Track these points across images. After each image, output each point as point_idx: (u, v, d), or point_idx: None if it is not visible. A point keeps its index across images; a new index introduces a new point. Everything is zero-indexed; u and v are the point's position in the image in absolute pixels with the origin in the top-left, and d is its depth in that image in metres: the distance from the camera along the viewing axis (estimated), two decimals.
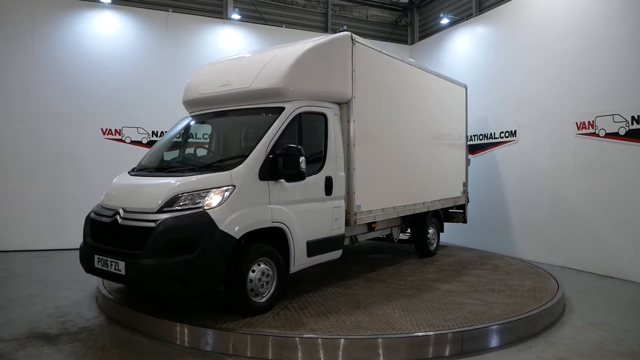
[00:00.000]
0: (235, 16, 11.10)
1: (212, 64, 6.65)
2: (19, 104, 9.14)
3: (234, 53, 7.28)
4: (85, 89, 9.50)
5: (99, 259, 4.75)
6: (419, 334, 4.34)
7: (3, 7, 9.09)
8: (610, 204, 7.57)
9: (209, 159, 5.78)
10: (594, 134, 7.84)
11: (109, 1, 9.89)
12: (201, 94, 6.00)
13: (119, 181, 5.38)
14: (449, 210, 9.05)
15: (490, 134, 9.99)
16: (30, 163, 9.17)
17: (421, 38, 13.27)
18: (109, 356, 4.19)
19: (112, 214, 4.84)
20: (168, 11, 10.39)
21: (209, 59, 7.80)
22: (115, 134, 9.75)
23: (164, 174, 5.20)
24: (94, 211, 5.23)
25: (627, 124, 7.35)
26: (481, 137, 10.18)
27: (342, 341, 4.16)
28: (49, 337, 4.57)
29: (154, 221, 4.43)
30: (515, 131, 9.40)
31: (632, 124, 7.29)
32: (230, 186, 4.60)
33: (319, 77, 5.61)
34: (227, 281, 4.60)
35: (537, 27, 8.99)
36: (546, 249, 8.62)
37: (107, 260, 4.65)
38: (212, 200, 4.50)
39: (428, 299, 5.47)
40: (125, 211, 4.74)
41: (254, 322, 4.53)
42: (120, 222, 4.70)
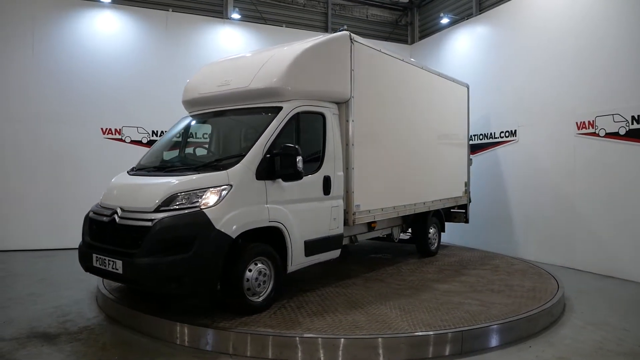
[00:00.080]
0: (236, 16, 11.11)
1: (211, 64, 6.64)
2: (19, 104, 9.15)
3: (234, 53, 7.27)
4: (85, 88, 9.51)
5: (97, 258, 4.77)
6: (419, 333, 4.34)
7: (3, 7, 9.09)
8: (611, 204, 7.57)
9: (206, 158, 5.78)
10: (594, 134, 7.84)
11: (109, 1, 9.89)
12: (200, 93, 6.01)
13: (117, 181, 5.39)
14: (451, 210, 9.02)
15: (490, 133, 9.99)
16: (31, 163, 9.18)
17: (421, 38, 13.27)
18: (109, 356, 4.19)
19: (110, 213, 4.85)
20: (168, 11, 10.39)
21: (209, 58, 7.80)
22: (115, 134, 9.76)
23: (162, 174, 5.20)
24: (93, 210, 5.24)
25: (627, 124, 7.35)
26: (481, 136, 10.17)
27: (342, 341, 4.16)
28: (49, 337, 4.57)
29: (150, 220, 4.44)
30: (515, 131, 9.40)
31: (632, 123, 7.29)
32: (227, 185, 4.60)
33: (317, 76, 5.60)
34: (223, 280, 4.61)
35: (537, 26, 8.99)
36: (546, 249, 8.62)
37: (105, 259, 4.66)
38: (209, 200, 4.51)
39: (426, 299, 5.47)
40: (123, 210, 4.75)
41: (250, 321, 4.53)
42: (118, 221, 4.71)
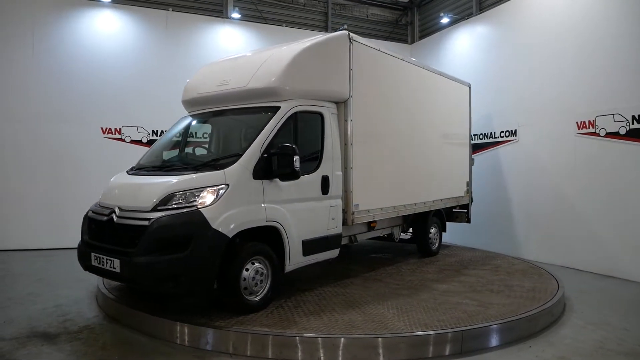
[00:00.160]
0: (236, 15, 11.10)
1: (211, 64, 6.65)
2: (19, 103, 9.14)
3: (234, 52, 7.27)
4: (85, 88, 9.50)
5: (95, 257, 4.78)
6: (419, 333, 4.34)
7: (3, 7, 9.08)
8: (611, 204, 7.57)
9: (204, 158, 5.79)
10: (594, 134, 7.83)
11: (108, 0, 9.88)
12: (199, 93, 6.01)
13: (116, 180, 5.41)
14: (453, 210, 8.98)
15: (491, 133, 9.98)
16: (31, 162, 9.17)
17: (421, 37, 13.26)
18: (109, 355, 4.19)
19: (108, 212, 4.87)
20: (168, 10, 10.38)
21: (209, 58, 7.80)
22: (116, 133, 9.75)
23: (161, 173, 5.21)
24: (92, 210, 5.26)
25: (627, 124, 7.35)
26: (481, 136, 10.16)
27: (342, 340, 4.16)
28: (49, 336, 4.57)
29: (147, 219, 4.46)
30: (515, 130, 9.39)
31: (632, 123, 7.28)
32: (224, 185, 4.61)
33: (315, 76, 5.59)
34: (220, 279, 4.62)
35: (537, 26, 8.98)
36: (547, 249, 8.62)
37: (103, 258, 4.67)
38: (206, 199, 4.52)
39: (424, 299, 5.45)
40: (121, 210, 4.77)
41: (247, 321, 4.54)
42: (116, 221, 4.72)
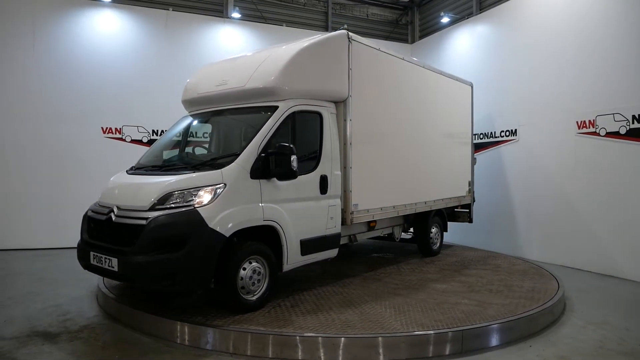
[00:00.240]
0: (236, 15, 11.09)
1: (211, 64, 6.66)
2: (19, 103, 9.13)
3: (234, 52, 7.27)
4: (85, 87, 9.50)
5: (94, 256, 4.82)
6: (420, 332, 4.34)
7: (3, 6, 9.08)
8: (611, 203, 7.57)
9: (203, 157, 5.80)
10: (594, 133, 7.83)
11: (109, 0, 9.88)
12: (199, 93, 6.03)
13: (115, 180, 5.43)
14: (455, 210, 8.96)
15: (491, 133, 9.98)
16: (31, 162, 9.17)
17: (422, 37, 13.26)
18: (110, 355, 4.19)
19: (107, 211, 4.90)
20: (168, 10, 10.38)
21: (209, 57, 7.81)
22: (116, 133, 9.75)
23: (159, 173, 5.23)
24: (91, 209, 5.29)
25: (627, 123, 7.34)
26: (481, 136, 10.16)
27: (342, 340, 4.16)
28: (49, 336, 4.58)
29: (145, 219, 4.48)
30: (515, 130, 9.39)
31: (632, 123, 7.28)
32: (221, 184, 4.62)
33: (314, 76, 5.59)
34: (217, 278, 4.63)
35: (538, 26, 8.98)
36: (547, 248, 8.62)
37: (101, 257, 4.70)
38: (203, 199, 4.53)
39: (422, 298, 5.44)
40: (119, 209, 4.79)
41: (243, 320, 4.54)
42: (114, 220, 4.74)
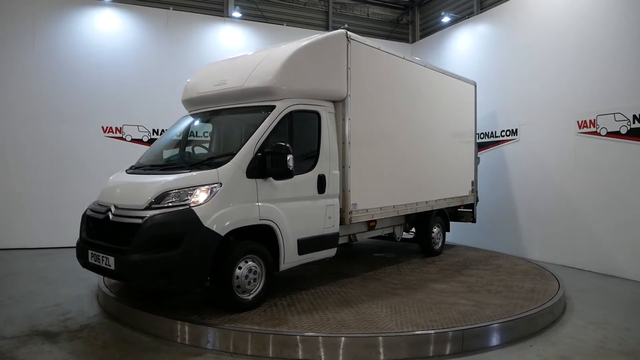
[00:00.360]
0: (236, 14, 11.09)
1: (210, 64, 6.67)
2: (19, 103, 9.13)
3: (234, 51, 7.26)
4: (85, 87, 9.50)
5: (92, 254, 4.84)
6: (420, 332, 4.33)
7: (3, 6, 9.07)
8: (612, 203, 7.56)
9: (201, 157, 5.81)
10: (595, 133, 7.82)
11: None
12: (198, 93, 6.04)
13: (114, 179, 5.46)
14: (458, 210, 8.92)
15: (492, 132, 9.97)
16: (31, 161, 9.17)
17: (422, 36, 13.25)
18: (110, 354, 4.19)
19: (105, 210, 4.92)
20: (169, 9, 10.37)
21: (209, 57, 7.80)
22: (116, 132, 9.75)
23: (157, 172, 5.24)
24: (90, 208, 5.32)
25: (628, 123, 7.34)
26: (482, 135, 10.14)
27: (342, 339, 4.16)
28: (49, 335, 4.58)
29: (141, 218, 4.50)
30: (516, 130, 9.38)
31: (633, 122, 7.27)
32: (217, 184, 4.63)
33: (312, 75, 5.58)
34: (213, 277, 4.64)
35: (538, 25, 8.97)
36: (548, 248, 8.61)
37: (99, 256, 4.73)
38: (199, 198, 4.55)
39: (420, 298, 5.42)
40: (116, 208, 4.81)
41: (238, 319, 4.54)
42: (112, 219, 4.77)
